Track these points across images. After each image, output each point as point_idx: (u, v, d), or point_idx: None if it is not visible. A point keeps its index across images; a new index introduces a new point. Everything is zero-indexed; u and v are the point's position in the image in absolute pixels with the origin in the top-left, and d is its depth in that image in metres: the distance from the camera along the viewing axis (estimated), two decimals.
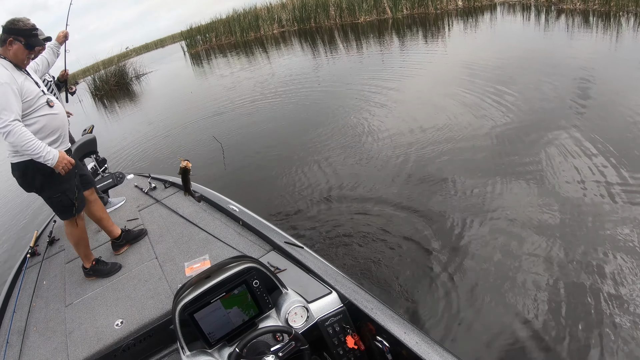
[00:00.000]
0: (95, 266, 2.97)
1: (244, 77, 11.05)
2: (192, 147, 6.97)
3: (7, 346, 2.69)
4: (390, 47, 9.88)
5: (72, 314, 2.77)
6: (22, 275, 3.48)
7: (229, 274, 1.68)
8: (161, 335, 2.40)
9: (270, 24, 19.59)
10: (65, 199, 2.71)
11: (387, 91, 6.82)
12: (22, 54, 2.51)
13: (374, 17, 14.17)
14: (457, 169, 4.10)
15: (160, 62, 23.60)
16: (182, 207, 3.49)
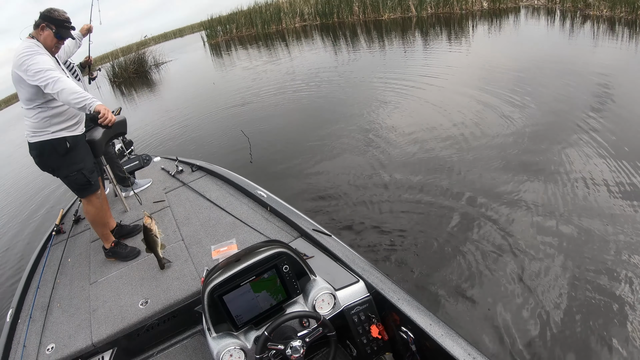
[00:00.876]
0: (114, 248, 3.07)
1: (265, 70, 11.14)
2: (217, 135, 7.11)
3: (30, 321, 2.76)
4: (414, 46, 9.88)
5: (96, 291, 2.83)
6: (47, 252, 3.53)
7: (259, 257, 1.70)
8: (185, 316, 2.45)
9: (292, 17, 19.59)
10: (81, 177, 2.82)
11: (408, 89, 6.84)
12: (51, 42, 2.66)
13: (398, 14, 14.14)
14: (472, 166, 4.16)
15: (179, 52, 23.82)
16: (209, 191, 3.53)
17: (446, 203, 3.71)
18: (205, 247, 2.79)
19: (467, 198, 3.70)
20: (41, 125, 2.63)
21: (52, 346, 2.45)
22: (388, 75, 7.73)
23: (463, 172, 4.11)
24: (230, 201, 3.27)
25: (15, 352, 2.52)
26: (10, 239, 6.13)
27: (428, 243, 3.30)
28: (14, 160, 11.57)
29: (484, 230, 3.29)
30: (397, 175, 4.29)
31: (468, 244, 3.18)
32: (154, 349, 2.44)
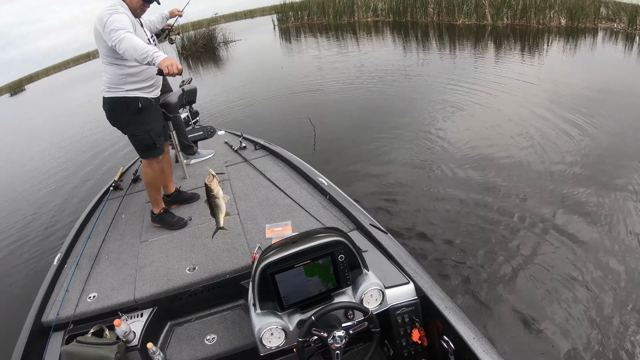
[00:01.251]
0: (162, 215, 3.10)
1: (334, 61, 11.18)
2: (282, 118, 7.23)
3: (77, 268, 2.83)
4: (485, 55, 9.74)
5: (145, 250, 2.87)
6: (102, 206, 3.63)
7: (318, 242, 1.70)
8: (229, 288, 2.48)
9: (365, 11, 19.45)
10: (147, 139, 2.83)
11: (474, 97, 6.77)
12: (137, 3, 2.66)
13: (473, 21, 13.93)
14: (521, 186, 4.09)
15: (249, 33, 23.99)
16: (270, 171, 3.54)
17: (511, 220, 3.61)
18: (259, 225, 2.81)
19: (536, 219, 3.58)
20: (116, 82, 2.67)
21: (94, 295, 2.52)
22: (456, 82, 7.66)
23: (532, 190, 4.01)
24: (290, 184, 3.27)
25: (57, 295, 2.61)
26: (70, 189, 6.48)
27: (488, 258, 3.23)
28: (87, 112, 12.36)
29: (553, 254, 3.18)
30: (461, 185, 4.25)
31: (534, 266, 3.09)
32: (193, 314, 2.49)
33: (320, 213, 2.82)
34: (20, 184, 7.51)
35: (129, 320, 2.33)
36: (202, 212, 3.17)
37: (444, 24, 14.82)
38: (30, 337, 2.27)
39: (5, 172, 8.87)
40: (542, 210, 3.69)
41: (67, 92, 20.50)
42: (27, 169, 8.42)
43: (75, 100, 16.36)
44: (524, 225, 3.55)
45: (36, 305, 2.51)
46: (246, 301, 2.35)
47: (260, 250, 2.46)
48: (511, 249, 3.30)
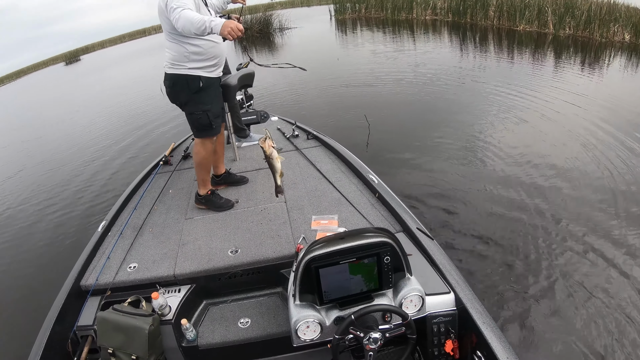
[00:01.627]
0: (209, 196, 3.10)
1: (390, 57, 11.16)
2: (335, 110, 7.28)
3: (120, 237, 2.89)
4: (543, 64, 9.50)
5: (189, 227, 2.92)
6: (150, 179, 3.68)
7: (366, 241, 1.70)
8: (269, 275, 2.51)
9: (424, 8, 19.17)
10: (205, 118, 2.85)
11: (529, 106, 6.67)
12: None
13: (534, 28, 13.62)
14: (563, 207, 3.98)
15: (305, 21, 24.12)
16: (320, 162, 3.53)
17: (573, 247, 3.45)
18: (306, 215, 2.82)
19: (605, 252, 3.39)
20: (179, 59, 2.69)
21: (134, 265, 2.58)
22: (512, 89, 7.55)
23: (599, 217, 3.81)
24: (340, 177, 3.27)
25: (98, 261, 2.69)
26: (121, 161, 6.77)
27: (538, 282, 3.15)
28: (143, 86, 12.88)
29: (621, 292, 3.00)
30: (516, 201, 4.15)
31: (597, 300, 2.94)
32: (230, 296, 2.54)
33: (367, 210, 2.81)
34: (73, 153, 7.89)
35: (166, 294, 2.40)
36: (249, 196, 3.22)
37: (504, 28, 14.56)
38: (68, 298, 2.36)
39: (61, 140, 9.24)
40: (610, 243, 3.48)
41: (123, 65, 21.30)
42: (81, 139, 8.80)
43: (132, 73, 17.04)
44: (588, 256, 3.35)
45: (77, 268, 2.60)
46: (284, 289, 2.44)
47: (304, 241, 2.52)
48: (569, 277, 3.15)
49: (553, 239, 3.59)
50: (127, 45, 38.66)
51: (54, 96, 17.49)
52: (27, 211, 5.81)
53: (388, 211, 2.79)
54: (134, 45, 35.08)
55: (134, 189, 3.61)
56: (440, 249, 2.36)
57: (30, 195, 6.31)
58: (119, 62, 24.87)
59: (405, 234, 2.53)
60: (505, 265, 3.32)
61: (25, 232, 5.23)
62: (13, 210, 5.96)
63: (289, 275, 2.15)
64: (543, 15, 13.47)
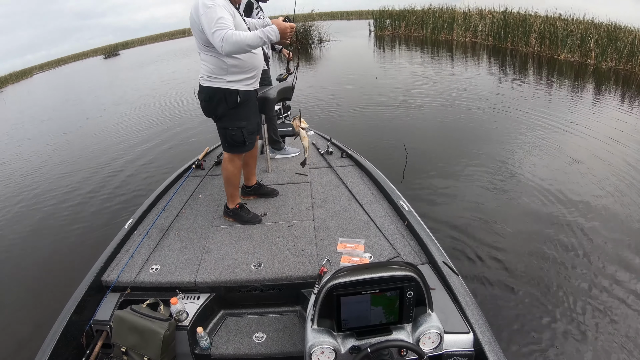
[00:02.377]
0: (237, 210, 3.09)
1: (431, 80, 11.06)
2: (371, 131, 7.23)
3: (146, 237, 2.92)
4: (582, 95, 9.41)
5: (215, 236, 2.92)
6: (181, 181, 3.71)
7: (390, 274, 1.67)
8: (289, 293, 2.51)
9: (465, 30, 19.28)
10: (239, 135, 2.80)
11: (566, 138, 6.59)
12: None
13: (575, 57, 13.46)
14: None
15: (344, 34, 24.31)
16: (352, 182, 3.52)
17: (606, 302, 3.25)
18: (332, 236, 2.79)
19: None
20: (217, 72, 2.61)
21: (157, 267, 2.61)
22: (550, 120, 7.47)
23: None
24: (370, 200, 3.25)
25: (122, 258, 2.73)
26: (153, 161, 6.87)
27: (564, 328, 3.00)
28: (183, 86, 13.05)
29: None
30: (550, 237, 4.02)
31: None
32: (248, 309, 2.54)
33: (394, 238, 2.78)
34: (108, 149, 8.03)
35: (185, 300, 2.42)
36: (277, 210, 3.21)
37: (544, 56, 14.43)
38: (88, 291, 2.41)
39: (97, 134, 9.44)
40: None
41: (164, 64, 21.65)
42: (116, 135, 8.97)
43: (173, 73, 17.36)
44: (625, 309, 3.15)
45: (100, 263, 2.64)
46: (302, 309, 2.44)
47: (328, 263, 2.51)
48: (602, 331, 2.98)
49: (588, 285, 3.40)
50: (166, 44, 39.56)
51: (91, 87, 17.83)
52: (56, 201, 5.95)
53: (415, 241, 2.75)
54: (173, 45, 35.84)
55: (164, 190, 3.65)
56: (464, 285, 2.33)
57: (61, 187, 6.46)
58: (156, 60, 25.46)
59: (431, 266, 2.50)
60: (532, 309, 3.17)
61: (52, 221, 5.35)
62: (41, 199, 6.11)
63: (309, 296, 2.16)
64: (585, 45, 13.37)
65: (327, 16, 39.40)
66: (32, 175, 7.25)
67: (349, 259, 2.57)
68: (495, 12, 19.62)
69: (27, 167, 7.68)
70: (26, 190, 6.57)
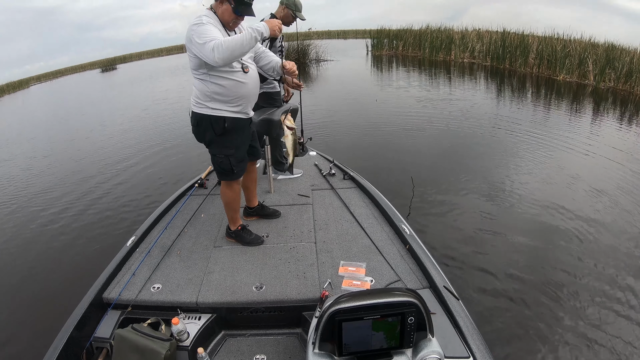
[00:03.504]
0: (239, 231, 3.10)
1: (429, 102, 11.13)
2: (375, 155, 7.19)
3: (148, 255, 2.94)
4: (581, 115, 9.53)
5: (217, 256, 2.96)
6: (184, 200, 3.74)
7: (392, 300, 1.71)
8: (290, 315, 2.54)
9: (463, 50, 19.56)
10: (226, 163, 2.80)
11: (564, 157, 6.71)
12: (229, 17, 2.54)
13: (574, 78, 13.66)
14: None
15: (342, 54, 24.58)
16: (354, 205, 3.57)
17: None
18: (334, 260, 2.83)
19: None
20: (202, 98, 2.63)
21: (158, 286, 2.64)
22: (553, 140, 7.60)
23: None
24: (372, 223, 3.29)
25: (123, 276, 2.76)
26: (155, 179, 6.90)
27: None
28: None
29: None
30: (552, 263, 4.01)
31: None
32: (249, 330, 2.57)
33: (396, 261, 2.82)
34: (106, 165, 8.05)
35: (186, 320, 2.45)
36: (280, 232, 3.25)
37: (543, 77, 14.63)
38: (89, 308, 2.43)
39: (98, 151, 9.41)
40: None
41: (158, 81, 21.56)
42: (118, 151, 8.96)
43: (165, 91, 17.27)
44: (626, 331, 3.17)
45: (101, 280, 2.67)
46: (303, 331, 2.48)
47: (330, 287, 2.56)
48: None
49: (593, 312, 3.37)
50: (164, 59, 39.88)
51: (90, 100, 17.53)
52: (57, 215, 5.98)
53: (417, 265, 2.78)
54: (169, 61, 36.01)
55: (166, 208, 3.70)
56: (464, 310, 2.36)
57: (61, 200, 6.50)
58: (151, 76, 25.57)
59: (432, 290, 2.54)
60: (533, 335, 3.18)
61: (54, 236, 5.37)
62: (42, 212, 6.13)
63: (310, 318, 2.21)
64: (583, 65, 13.59)
65: (324, 35, 39.83)
66: (35, 191, 7.23)
67: (350, 282, 2.62)
68: (493, 32, 20.08)
69: (36, 186, 7.60)
70: (25, 205, 6.58)
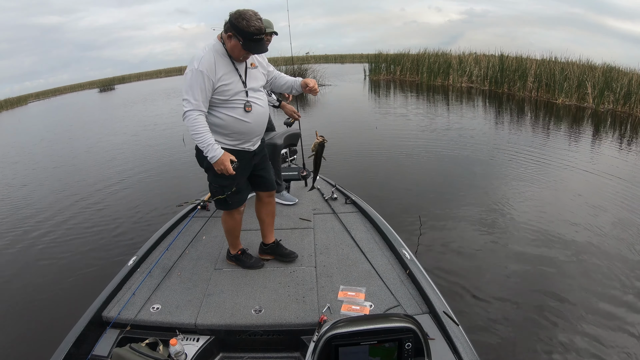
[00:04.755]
0: (239, 256, 3.14)
1: (427, 128, 11.20)
2: (379, 182, 7.25)
3: (148, 275, 3.01)
4: (580, 139, 9.68)
5: (217, 278, 3.02)
6: (186, 222, 3.80)
7: (389, 325, 1.75)
8: (289, 339, 2.59)
9: (461, 75, 19.85)
10: (219, 193, 2.78)
11: (562, 179, 6.87)
12: (239, 53, 2.48)
13: (573, 101, 13.85)
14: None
15: (339, 79, 24.92)
16: (355, 230, 3.64)
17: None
18: (334, 284, 2.90)
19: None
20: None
21: (158, 306, 2.70)
22: (551, 163, 7.75)
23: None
24: (373, 248, 3.35)
25: (123, 295, 2.82)
26: (158, 200, 7.02)
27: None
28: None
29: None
30: (551, 288, 4.05)
31: None
32: (247, 353, 2.62)
33: (395, 286, 2.87)
34: (110, 186, 8.17)
35: (184, 342, 2.50)
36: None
37: (542, 100, 14.81)
38: (87, 325, 2.49)
39: (101, 170, 9.53)
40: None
41: (151, 104, 21.24)
42: (121, 174, 9.01)
43: (156, 117, 17.33)
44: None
45: (101, 298, 2.74)
46: (301, 355, 2.53)
47: (329, 311, 2.61)
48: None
49: (592, 336, 3.43)
50: (162, 80, 40.25)
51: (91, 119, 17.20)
52: (58, 233, 6.09)
53: (417, 290, 2.83)
54: (167, 82, 36.39)
55: (168, 229, 3.77)
56: (464, 335, 2.39)
57: (64, 219, 6.61)
58: (145, 99, 25.68)
59: (431, 315, 2.57)
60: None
61: (54, 253, 5.47)
62: (46, 229, 6.25)
63: (308, 343, 2.22)
64: (582, 88, 13.82)
65: (322, 59, 40.24)
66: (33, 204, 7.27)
67: (350, 307, 2.68)
68: (491, 56, 20.39)
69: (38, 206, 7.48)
70: (25, 221, 6.68)
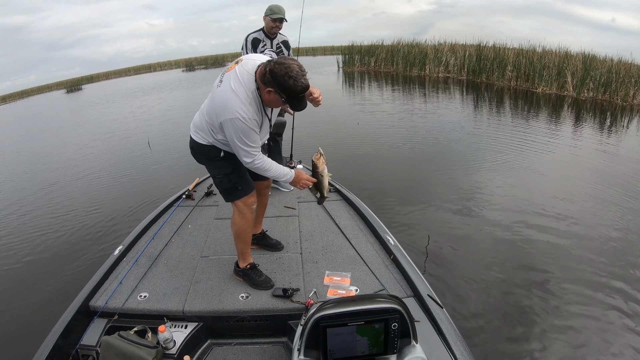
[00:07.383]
0: (248, 271, 2.95)
1: (407, 119, 11.31)
2: (361, 171, 7.35)
3: (135, 264, 3.08)
4: (561, 127, 9.87)
5: (204, 266, 3.10)
6: (171, 211, 3.90)
7: (375, 306, 1.81)
8: (276, 324, 2.67)
9: (437, 65, 20.04)
10: (226, 182, 2.76)
11: (543, 166, 6.99)
12: (277, 104, 2.43)
13: (553, 90, 14.14)
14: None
15: (312, 72, 24.65)
16: (340, 217, 3.75)
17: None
18: (319, 270, 2.99)
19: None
20: (206, 135, 2.62)
21: (145, 295, 2.76)
22: (531, 149, 7.94)
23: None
24: (357, 234, 3.47)
25: (110, 284, 2.88)
26: (144, 190, 7.10)
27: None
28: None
29: None
30: (535, 273, 4.17)
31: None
32: (235, 339, 2.70)
33: (380, 272, 2.97)
34: (99, 177, 8.28)
35: (173, 329, 2.56)
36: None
37: (521, 89, 15.10)
38: (75, 315, 2.54)
39: (88, 162, 9.61)
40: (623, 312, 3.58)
41: (119, 104, 21.01)
42: (108, 164, 9.20)
43: (114, 121, 16.59)
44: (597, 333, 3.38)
45: (88, 288, 2.79)
46: (289, 340, 2.61)
47: (315, 296, 2.69)
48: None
49: (574, 314, 3.59)
50: (130, 79, 39.69)
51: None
52: (44, 224, 6.16)
53: (401, 274, 2.94)
54: (135, 81, 35.86)
55: (154, 219, 3.85)
56: (448, 318, 2.50)
57: (51, 211, 6.69)
58: (108, 100, 24.70)
59: (416, 299, 2.68)
60: (517, 341, 3.34)
61: (39, 245, 5.49)
62: (31, 221, 6.34)
63: (296, 327, 2.32)
64: (562, 76, 14.16)
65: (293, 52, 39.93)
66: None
67: (336, 291, 2.77)
68: (468, 45, 20.63)
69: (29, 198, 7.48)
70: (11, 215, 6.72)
